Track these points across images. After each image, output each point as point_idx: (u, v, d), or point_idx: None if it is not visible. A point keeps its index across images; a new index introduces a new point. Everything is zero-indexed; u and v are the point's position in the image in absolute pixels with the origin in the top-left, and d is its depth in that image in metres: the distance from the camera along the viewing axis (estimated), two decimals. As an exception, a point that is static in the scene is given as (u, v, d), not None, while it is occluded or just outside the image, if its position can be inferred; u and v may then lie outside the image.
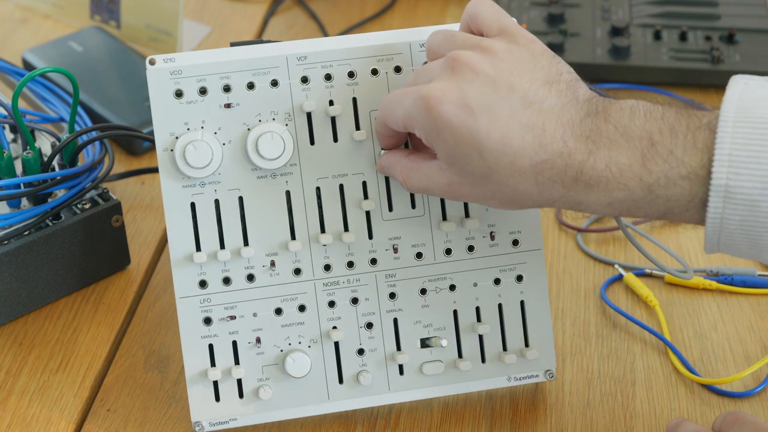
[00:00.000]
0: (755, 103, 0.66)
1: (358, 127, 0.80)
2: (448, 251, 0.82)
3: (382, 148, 0.79)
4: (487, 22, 0.75)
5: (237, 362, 0.80)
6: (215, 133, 0.79)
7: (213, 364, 0.80)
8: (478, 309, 0.82)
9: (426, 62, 0.79)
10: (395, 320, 0.81)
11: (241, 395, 0.80)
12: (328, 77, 0.80)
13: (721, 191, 0.66)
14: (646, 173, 0.67)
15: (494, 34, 0.74)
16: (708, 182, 0.66)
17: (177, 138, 0.78)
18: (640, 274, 0.94)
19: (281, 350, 0.80)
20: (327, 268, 0.80)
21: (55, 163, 0.92)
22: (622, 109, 0.69)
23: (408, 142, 0.80)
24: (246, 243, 0.79)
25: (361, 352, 0.81)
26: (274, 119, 0.79)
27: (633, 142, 0.68)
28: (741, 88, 0.68)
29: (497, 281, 0.82)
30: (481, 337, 0.82)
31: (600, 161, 0.68)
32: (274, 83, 0.79)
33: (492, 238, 0.82)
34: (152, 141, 0.81)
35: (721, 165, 0.65)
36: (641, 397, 0.84)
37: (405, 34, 0.81)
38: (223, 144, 0.79)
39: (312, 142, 0.80)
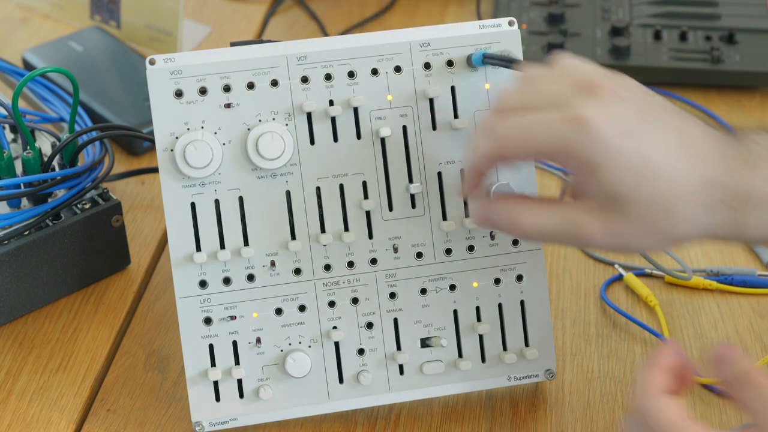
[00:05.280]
0: None
1: (358, 128, 0.80)
2: (449, 251, 0.82)
3: (465, 196, 0.78)
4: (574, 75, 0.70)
5: (237, 362, 0.80)
6: (215, 133, 0.79)
7: (213, 364, 0.80)
8: (478, 309, 0.82)
9: (496, 108, 0.72)
10: (395, 320, 0.81)
11: (241, 395, 0.80)
12: (328, 77, 0.80)
13: None
14: None
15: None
16: None
17: (177, 138, 0.78)
18: (640, 274, 0.94)
19: (281, 350, 0.80)
20: (327, 268, 0.80)
21: (55, 163, 0.92)
22: (758, 133, 0.69)
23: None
24: (246, 243, 0.79)
25: (361, 352, 0.81)
26: (274, 119, 0.79)
27: None
28: None
29: (497, 281, 0.82)
30: (481, 336, 0.82)
31: (763, 180, 0.67)
32: (274, 83, 0.79)
33: (492, 237, 0.82)
34: (152, 141, 0.81)
35: None
36: (641, 397, 0.84)
37: (405, 34, 0.81)
38: (223, 144, 0.79)
39: (312, 142, 0.80)
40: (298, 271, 0.80)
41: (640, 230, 0.67)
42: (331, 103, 0.80)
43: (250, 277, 0.80)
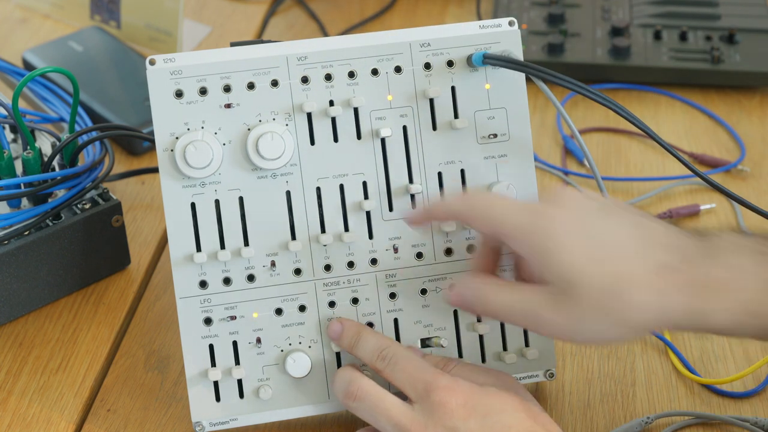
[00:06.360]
0: None
1: (358, 128, 0.80)
2: (448, 251, 0.82)
3: (409, 223, 0.79)
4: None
5: (237, 362, 0.80)
6: (215, 133, 0.79)
7: (213, 364, 0.80)
8: (478, 309, 0.82)
9: None
10: (395, 320, 0.81)
11: (241, 395, 0.80)
12: (328, 77, 0.80)
13: None
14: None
15: None
16: None
17: (177, 138, 0.78)
18: (640, 274, 0.94)
19: (281, 350, 0.80)
20: (327, 268, 0.80)
21: (55, 163, 0.92)
22: (722, 231, 0.70)
23: None
24: (246, 243, 0.79)
25: (361, 352, 0.81)
26: (274, 119, 0.79)
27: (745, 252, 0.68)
28: None
29: (497, 281, 0.82)
30: (481, 337, 0.82)
31: (723, 269, 0.67)
32: (275, 83, 0.79)
33: (492, 238, 0.82)
34: (152, 141, 0.81)
35: None
36: (641, 397, 0.84)
37: (405, 34, 0.81)
38: (224, 144, 0.79)
39: (312, 142, 0.80)
40: (298, 271, 0.80)
41: (593, 315, 0.68)
42: (332, 103, 0.80)
43: (251, 278, 0.80)
